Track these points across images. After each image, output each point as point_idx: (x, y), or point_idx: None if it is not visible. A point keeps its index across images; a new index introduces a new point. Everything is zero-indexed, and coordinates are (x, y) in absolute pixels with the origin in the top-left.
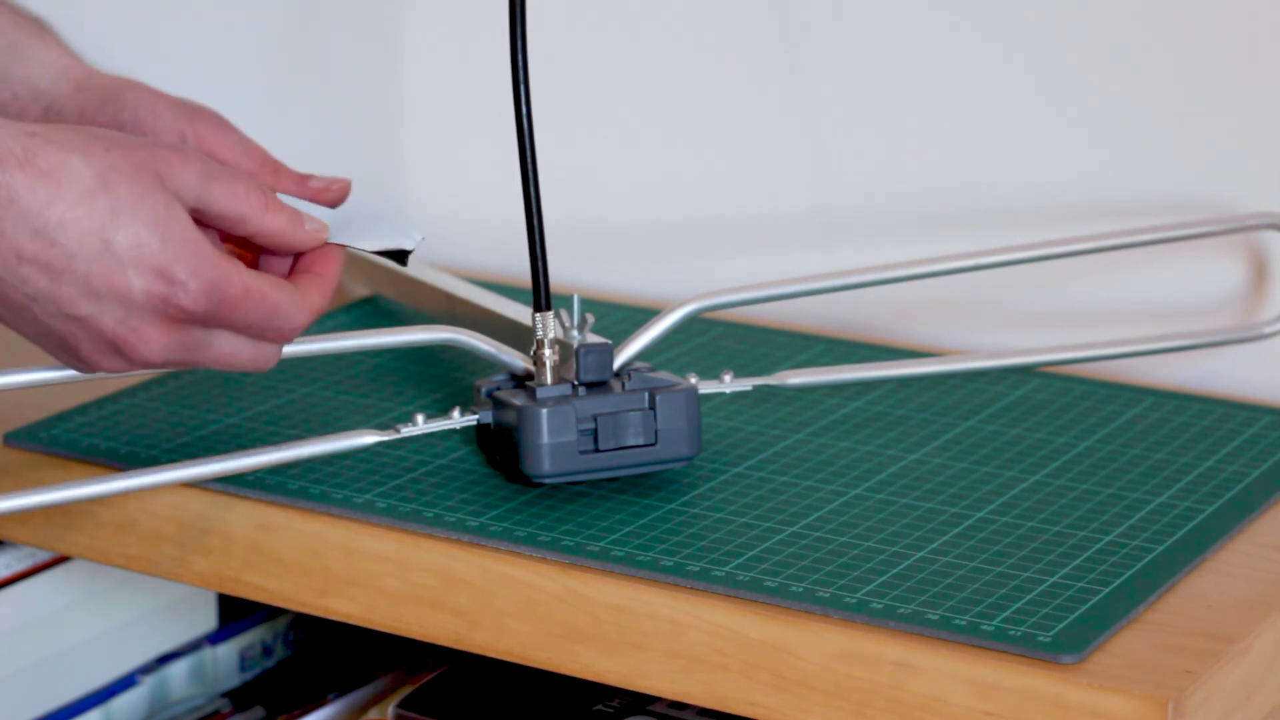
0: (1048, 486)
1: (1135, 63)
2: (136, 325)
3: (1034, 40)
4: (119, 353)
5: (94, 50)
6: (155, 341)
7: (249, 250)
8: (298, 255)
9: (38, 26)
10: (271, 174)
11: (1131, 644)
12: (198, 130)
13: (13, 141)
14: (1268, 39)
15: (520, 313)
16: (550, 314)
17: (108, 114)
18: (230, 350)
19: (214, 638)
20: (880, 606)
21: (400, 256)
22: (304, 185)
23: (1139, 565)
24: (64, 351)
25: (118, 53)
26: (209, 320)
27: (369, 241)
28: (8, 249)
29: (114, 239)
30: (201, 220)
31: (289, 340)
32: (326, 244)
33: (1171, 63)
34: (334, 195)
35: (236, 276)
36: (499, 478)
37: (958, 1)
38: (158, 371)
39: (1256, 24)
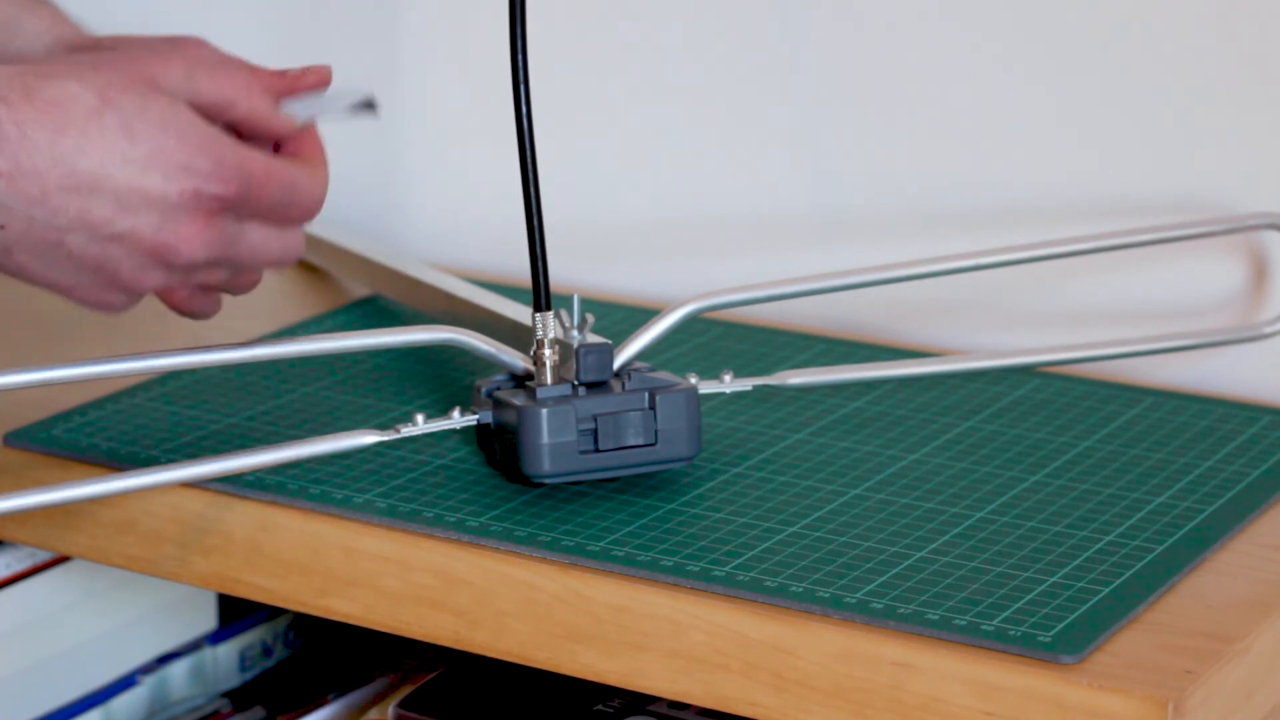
0: (1048, 486)
1: (1135, 63)
2: (174, 227)
3: (1034, 40)
4: (162, 262)
5: None
6: (196, 237)
7: None
8: (277, 148)
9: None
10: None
11: (1131, 644)
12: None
13: (6, 83)
14: (1268, 39)
15: (520, 313)
16: (550, 314)
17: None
18: (261, 241)
19: (214, 638)
20: (880, 606)
21: (370, 107)
22: (282, 78)
23: (1139, 565)
24: (103, 283)
25: None
26: (240, 204)
27: (335, 114)
28: (32, 183)
29: (131, 150)
30: (195, 105)
31: (310, 218)
32: (301, 127)
33: (1172, 63)
34: (314, 80)
35: (256, 157)
36: (499, 478)
37: (958, 2)
38: (159, 370)
39: (1257, 24)
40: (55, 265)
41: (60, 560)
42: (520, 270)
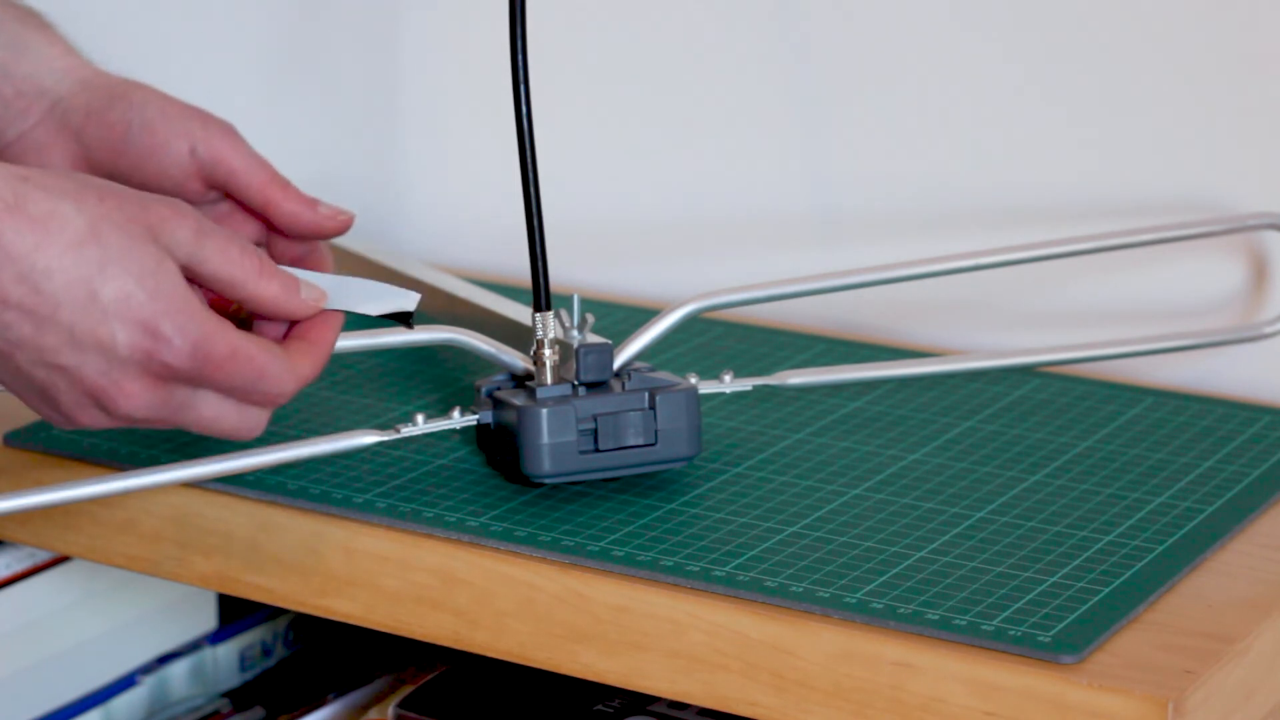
0: (1048, 486)
1: (1135, 63)
2: (119, 378)
3: (1034, 40)
4: (100, 405)
5: (93, 50)
6: (137, 396)
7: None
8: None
9: (37, 19)
10: (280, 190)
11: (1131, 644)
12: (209, 137)
13: (3, 186)
14: (1268, 39)
15: (520, 313)
16: (550, 314)
17: (116, 113)
18: (214, 414)
19: (214, 638)
20: (880, 606)
21: (404, 319)
22: (312, 209)
23: (1139, 565)
24: (44, 403)
25: (117, 53)
26: (193, 379)
27: (367, 306)
28: (18, 297)
29: (101, 290)
30: (192, 279)
31: (275, 406)
32: (323, 310)
33: (1172, 63)
34: (338, 225)
35: (223, 337)
36: (499, 478)
37: (958, 2)
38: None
39: (1257, 24)
40: (5, 370)
41: (60, 560)
42: (520, 270)
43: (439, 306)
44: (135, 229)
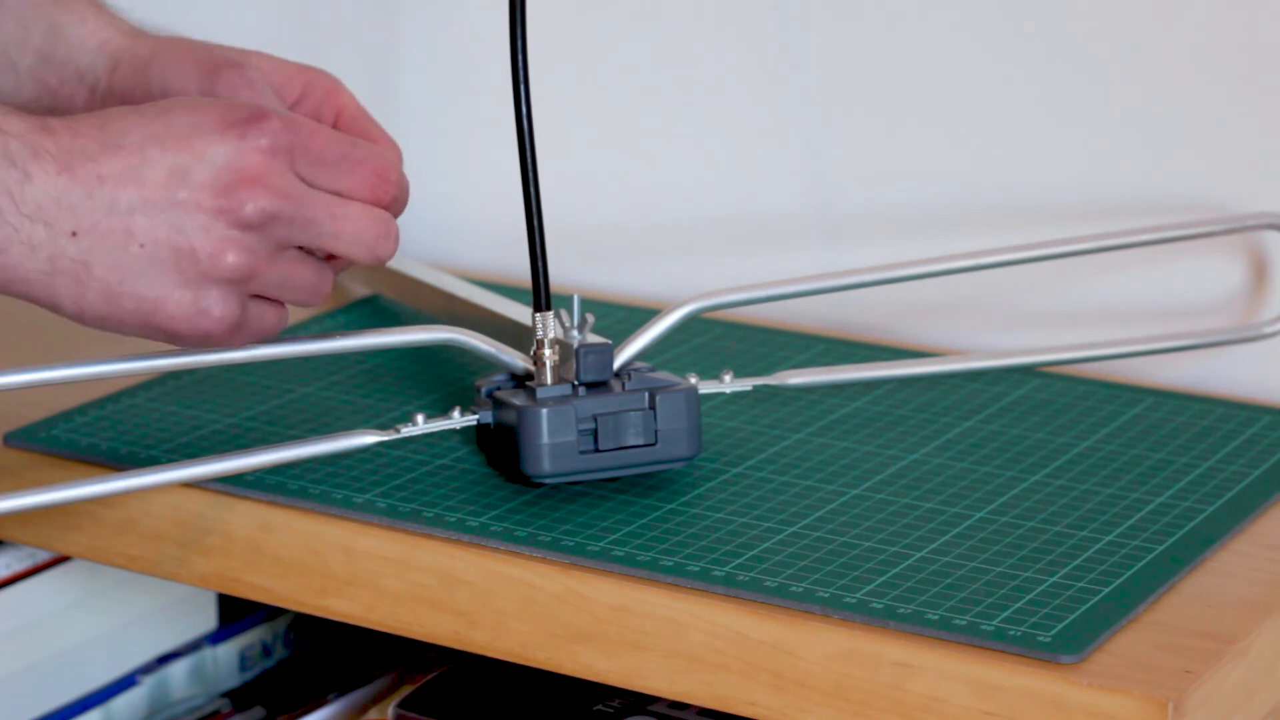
0: (1048, 486)
1: (1135, 63)
2: (231, 174)
3: (1034, 40)
4: (231, 216)
5: None
6: (256, 180)
7: None
8: None
9: None
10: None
11: (1131, 644)
12: (215, 94)
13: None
14: (1268, 39)
15: (520, 313)
16: (550, 314)
17: (139, 93)
18: (335, 204)
19: (214, 638)
20: (880, 606)
21: None
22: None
23: (1139, 565)
24: (185, 274)
25: None
26: (293, 149)
27: None
28: (88, 174)
29: (174, 120)
30: None
31: (383, 187)
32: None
33: (1172, 63)
34: None
35: (299, 116)
36: (499, 478)
37: (958, 2)
38: (159, 370)
39: (1257, 24)
40: (134, 268)
41: (60, 560)
42: (520, 270)
43: (439, 306)
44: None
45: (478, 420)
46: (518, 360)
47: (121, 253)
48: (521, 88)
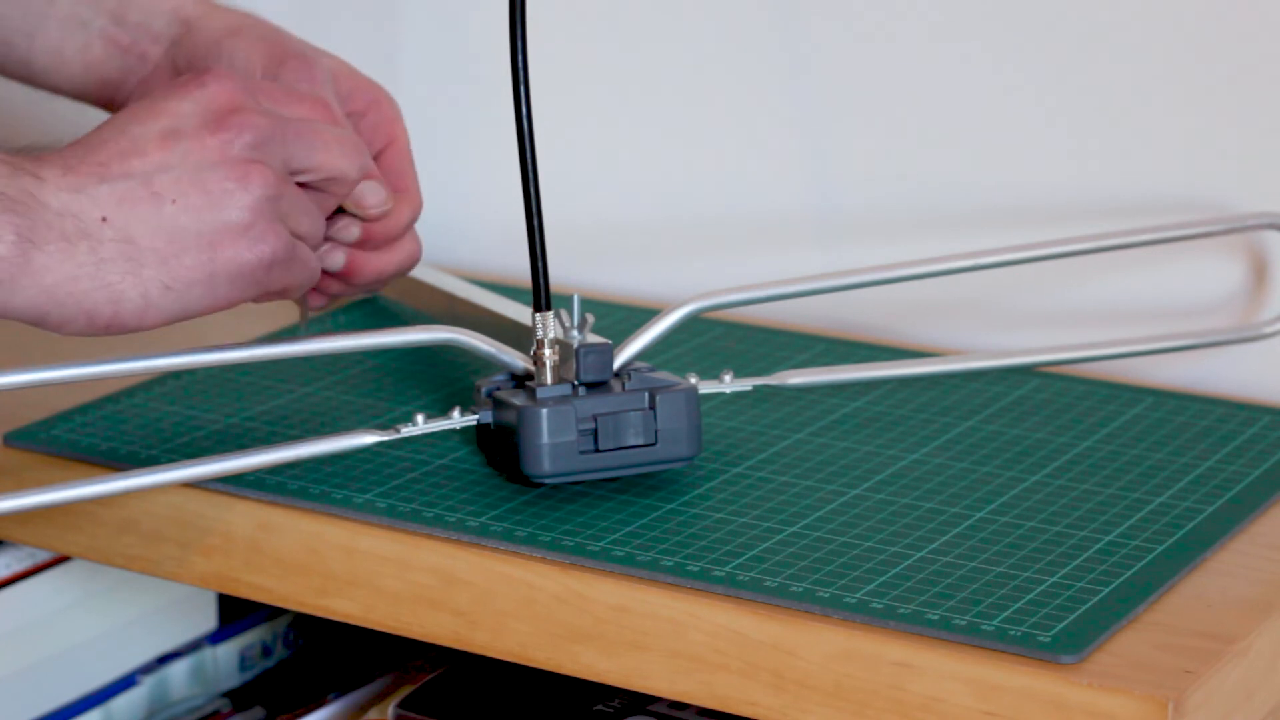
0: (1048, 486)
1: (1135, 63)
2: (212, 106)
3: (1033, 40)
4: (228, 142)
5: None
6: (238, 106)
7: None
8: None
9: None
10: None
11: (1131, 644)
12: (279, 77)
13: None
14: (1268, 39)
15: (520, 313)
16: (550, 314)
17: (209, 64)
18: (309, 130)
19: (214, 638)
20: (880, 606)
21: None
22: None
23: (1139, 565)
24: (218, 209)
25: None
26: (247, 89)
27: None
28: (93, 168)
29: (134, 107)
30: None
31: (332, 116)
32: None
33: (1172, 63)
34: (368, 212)
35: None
36: (499, 478)
37: (958, 2)
38: (159, 370)
39: (1257, 24)
40: (176, 226)
41: (60, 560)
42: (520, 270)
43: (439, 306)
44: None
45: (478, 420)
46: (518, 360)
47: (158, 216)
48: (521, 88)
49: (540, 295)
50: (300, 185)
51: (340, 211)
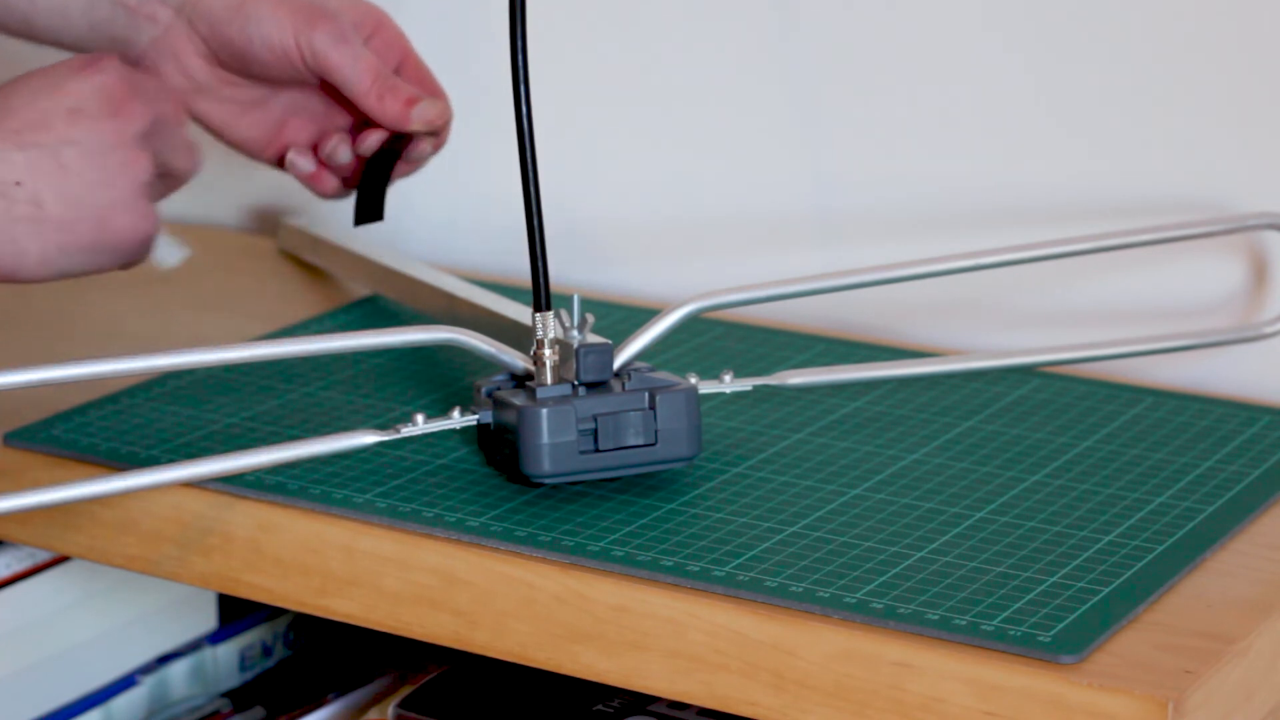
0: (1048, 486)
1: (1135, 63)
2: (109, 91)
3: (1033, 40)
4: (123, 128)
5: None
6: (134, 89)
7: None
8: None
9: None
10: (375, 100)
11: (1131, 644)
12: (312, 43)
13: None
14: (1268, 39)
15: (520, 313)
16: (550, 314)
17: (235, 28)
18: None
19: (214, 638)
20: (880, 606)
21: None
22: (405, 117)
23: (1139, 565)
24: (109, 180)
25: None
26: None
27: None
28: (8, 134)
29: (40, 81)
30: None
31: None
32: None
33: (1171, 63)
34: (438, 125)
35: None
36: (499, 478)
37: (958, 3)
38: (159, 369)
39: (1257, 24)
40: (78, 195)
41: (60, 560)
42: (520, 270)
43: (439, 306)
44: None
45: (478, 420)
46: (518, 360)
47: (64, 185)
48: (521, 88)
49: (540, 295)
50: None
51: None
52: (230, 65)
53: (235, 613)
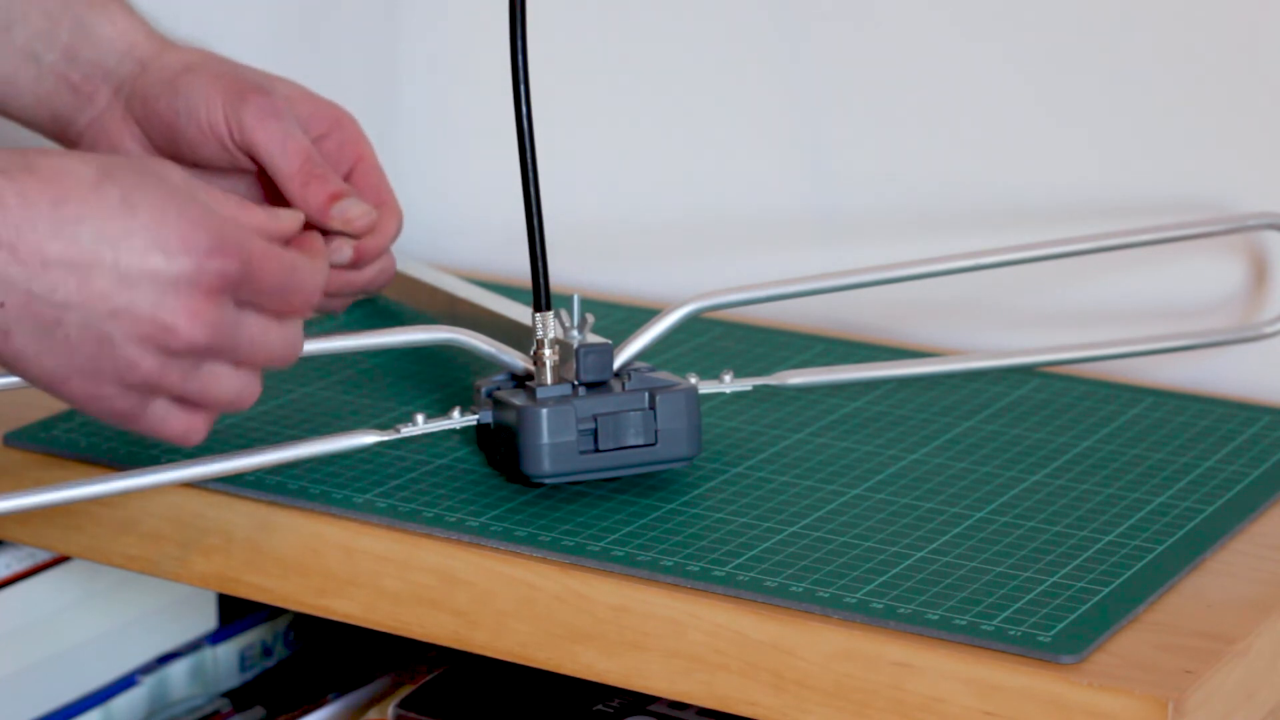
0: (1048, 486)
1: (1135, 63)
2: (174, 304)
3: (1033, 40)
4: (160, 345)
5: None
6: (195, 316)
7: None
8: None
9: None
10: (300, 185)
11: (1131, 644)
12: (240, 118)
13: (5, 158)
14: (1268, 39)
15: (520, 313)
16: (550, 314)
17: (164, 102)
18: (260, 331)
19: (214, 638)
20: (880, 606)
21: None
22: (323, 213)
23: (1139, 565)
24: (96, 372)
25: None
26: (240, 284)
27: None
28: (32, 254)
29: (131, 223)
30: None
31: (309, 308)
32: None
33: (1172, 63)
34: (357, 227)
35: (255, 237)
36: (499, 478)
37: (959, 3)
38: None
39: (1257, 24)
40: (51, 349)
41: (60, 560)
42: (520, 270)
43: (439, 306)
44: (143, 163)
45: (478, 420)
46: (518, 360)
47: (46, 336)
48: (521, 88)
49: (540, 295)
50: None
51: (328, 232)
52: (162, 147)
53: (235, 613)
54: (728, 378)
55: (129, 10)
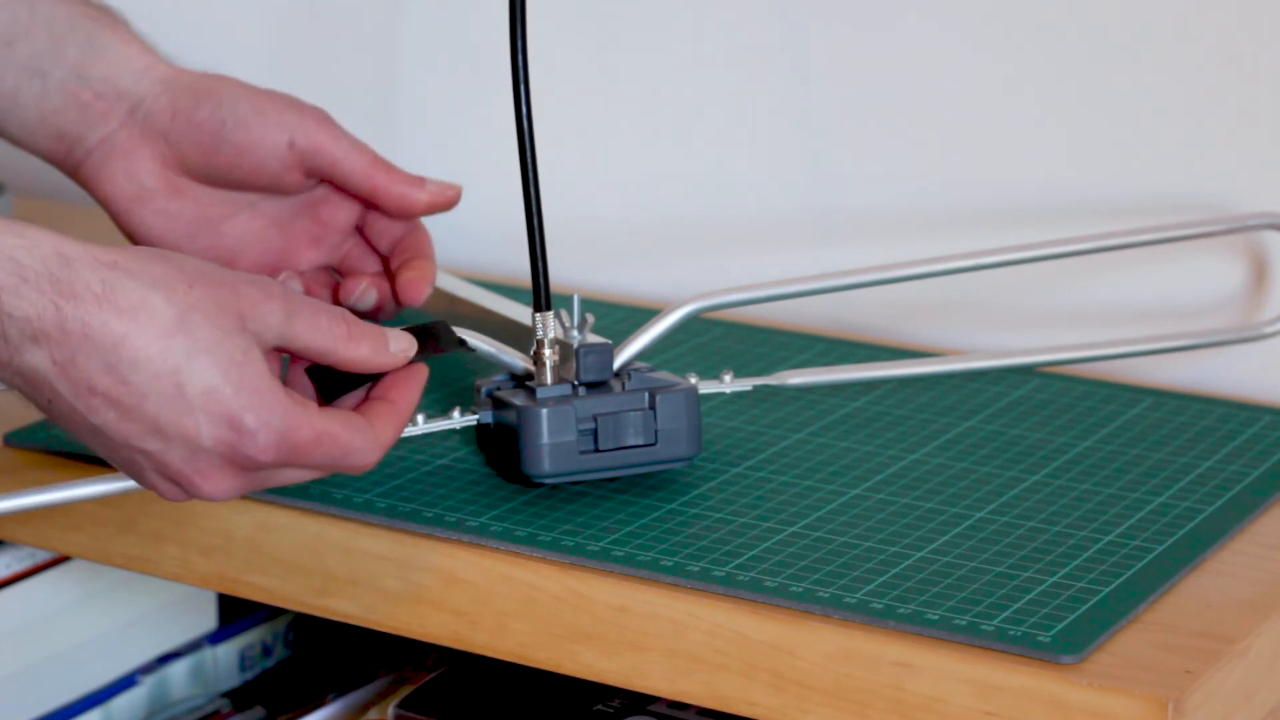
0: (1048, 486)
1: (1135, 63)
2: (203, 468)
3: (1033, 40)
4: (181, 488)
5: None
6: (220, 484)
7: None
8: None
9: (110, 18)
10: (385, 173)
11: (1131, 644)
12: (306, 128)
13: (91, 275)
14: (1268, 39)
15: (520, 313)
16: (550, 314)
17: (205, 111)
18: (295, 477)
19: (214, 638)
20: (880, 606)
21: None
22: (420, 188)
23: (1139, 565)
24: (126, 470)
25: None
26: (277, 466)
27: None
28: (80, 380)
29: (187, 383)
30: (285, 351)
31: (357, 474)
32: (409, 364)
33: (1172, 63)
34: (446, 201)
35: (307, 423)
36: (499, 478)
37: (957, 3)
38: None
39: (1257, 24)
40: (90, 443)
41: (60, 560)
42: (520, 270)
43: (439, 306)
44: (225, 318)
45: (478, 420)
46: (518, 360)
47: (85, 435)
48: (521, 88)
49: (540, 295)
50: None
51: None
52: (196, 161)
53: (235, 613)
54: (728, 378)
55: (135, 33)
